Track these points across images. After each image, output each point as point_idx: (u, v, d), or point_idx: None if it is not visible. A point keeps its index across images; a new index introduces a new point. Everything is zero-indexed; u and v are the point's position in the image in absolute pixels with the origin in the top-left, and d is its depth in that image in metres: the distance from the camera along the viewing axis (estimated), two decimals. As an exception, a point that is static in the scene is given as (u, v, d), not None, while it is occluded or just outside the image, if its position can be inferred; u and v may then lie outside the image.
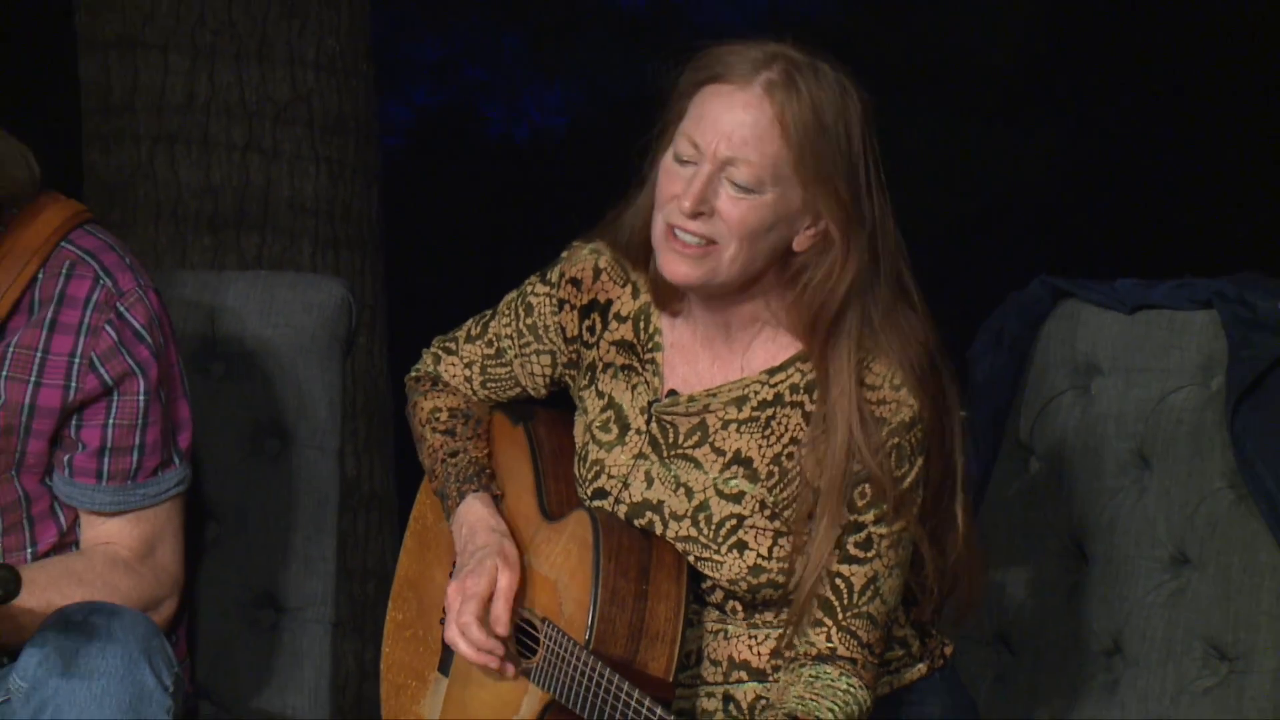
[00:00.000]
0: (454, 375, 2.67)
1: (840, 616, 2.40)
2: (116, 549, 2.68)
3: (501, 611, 2.47)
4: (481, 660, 2.47)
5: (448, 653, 2.62)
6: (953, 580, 2.53)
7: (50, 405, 2.64)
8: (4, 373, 2.64)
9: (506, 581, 2.49)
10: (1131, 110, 7.44)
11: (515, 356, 2.63)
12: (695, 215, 2.37)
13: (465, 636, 2.47)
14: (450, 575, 2.64)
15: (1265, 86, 6.82)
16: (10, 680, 2.57)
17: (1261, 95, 6.92)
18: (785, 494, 2.44)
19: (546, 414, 2.66)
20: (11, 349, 2.64)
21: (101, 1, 4.38)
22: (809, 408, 2.43)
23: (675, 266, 2.41)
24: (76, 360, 2.64)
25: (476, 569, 2.49)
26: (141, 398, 2.66)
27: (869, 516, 2.40)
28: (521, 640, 2.50)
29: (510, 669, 2.50)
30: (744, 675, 2.49)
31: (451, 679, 2.62)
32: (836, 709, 2.35)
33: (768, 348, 2.49)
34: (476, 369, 2.66)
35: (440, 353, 2.69)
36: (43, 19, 4.49)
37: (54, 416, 2.64)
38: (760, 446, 2.46)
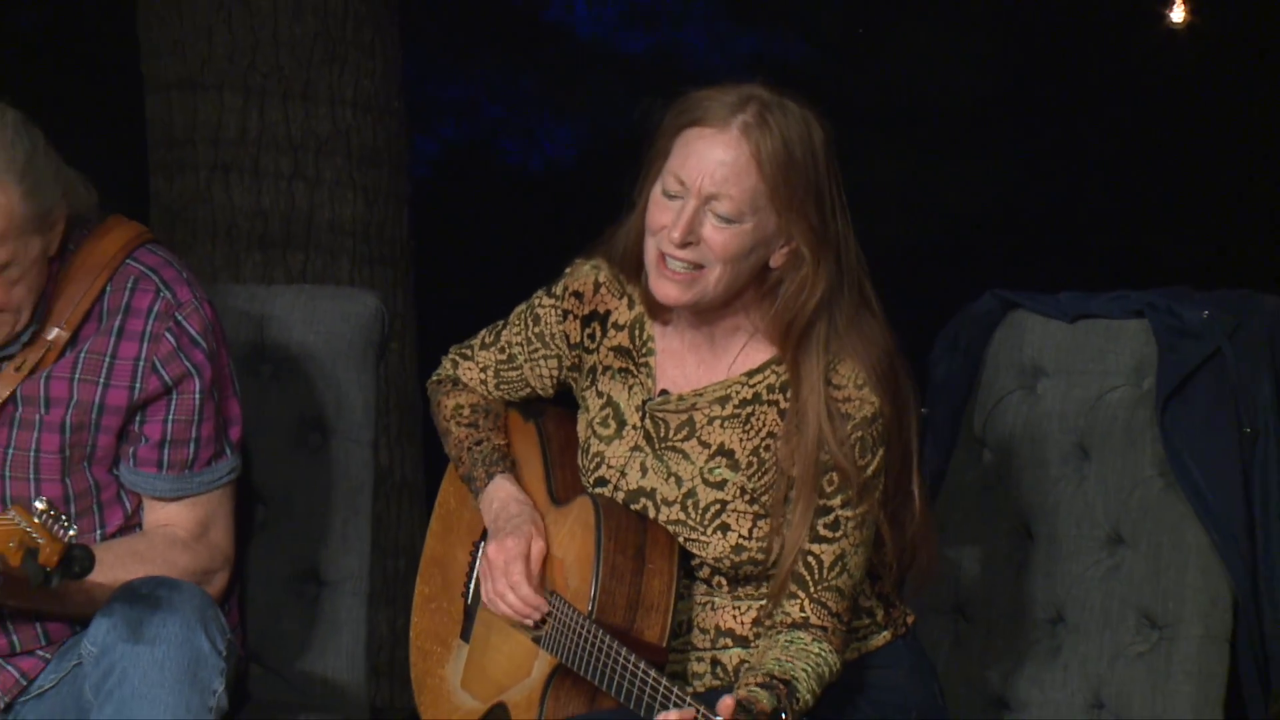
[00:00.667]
0: (471, 378, 2.67)
1: (812, 590, 2.39)
2: (175, 530, 2.67)
3: (534, 572, 2.47)
4: (526, 613, 2.47)
5: (468, 622, 2.62)
6: (911, 556, 2.53)
7: (117, 404, 2.63)
8: (76, 375, 2.63)
9: (539, 548, 2.49)
10: (1068, 143, 7.44)
11: (525, 361, 2.62)
12: (684, 245, 2.37)
13: (515, 592, 2.46)
14: (471, 554, 2.64)
15: (1183, 122, 6.84)
16: (82, 646, 2.56)
17: (1181, 131, 6.93)
18: (763, 481, 2.43)
19: (554, 411, 2.65)
20: (83, 354, 2.63)
21: (165, 48, 4.38)
22: (783, 405, 2.43)
23: (667, 290, 2.41)
24: (140, 363, 2.63)
25: (515, 532, 2.49)
26: (197, 396, 2.65)
27: (836, 501, 2.40)
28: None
29: (522, 634, 2.50)
30: (729, 642, 2.47)
31: (471, 645, 2.62)
32: (809, 670, 2.34)
33: (747, 353, 2.48)
34: (490, 372, 2.65)
35: (458, 358, 2.69)
36: (113, 64, 4.47)
37: (120, 414, 2.64)
38: (741, 440, 2.46)
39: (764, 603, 2.44)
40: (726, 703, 2.18)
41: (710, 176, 2.36)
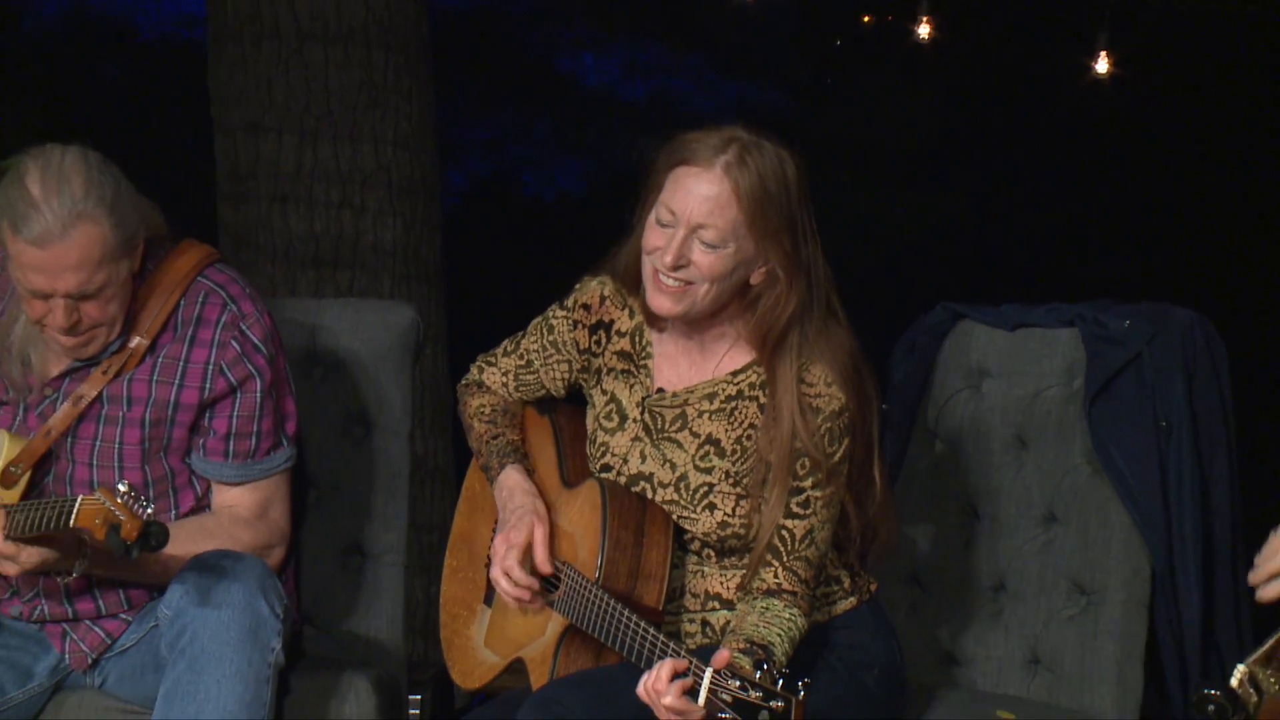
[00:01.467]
0: (494, 381, 2.66)
1: (785, 559, 2.39)
2: (239, 510, 2.67)
3: (542, 556, 2.46)
4: (518, 594, 2.45)
5: (490, 589, 2.60)
6: (873, 532, 2.53)
7: (190, 402, 2.63)
8: (155, 378, 2.63)
9: (541, 534, 2.48)
10: (1007, 177, 7.47)
11: (541, 365, 2.62)
12: (676, 267, 2.38)
13: (509, 577, 2.46)
14: (493, 530, 2.64)
15: (1106, 159, 6.85)
16: (159, 610, 2.56)
17: (1104, 166, 6.95)
18: (745, 467, 2.43)
19: (566, 408, 2.65)
20: (160, 359, 2.63)
21: (231, 96, 4.38)
22: (763, 401, 2.43)
23: (661, 303, 2.42)
24: (209, 367, 2.63)
25: (517, 524, 2.48)
26: (258, 395, 2.65)
27: (808, 483, 2.39)
28: (545, 580, 2.49)
29: (539, 601, 2.49)
30: (716, 605, 2.47)
31: (494, 609, 2.61)
32: (783, 634, 2.33)
33: (731, 355, 2.49)
34: (511, 376, 2.65)
35: (483, 365, 2.68)
36: (185, 110, 4.47)
37: (192, 410, 2.64)
38: (726, 431, 2.46)
39: (745, 571, 2.43)
40: (723, 656, 2.18)
41: (697, 209, 2.36)
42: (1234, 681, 1.89)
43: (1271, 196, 6.94)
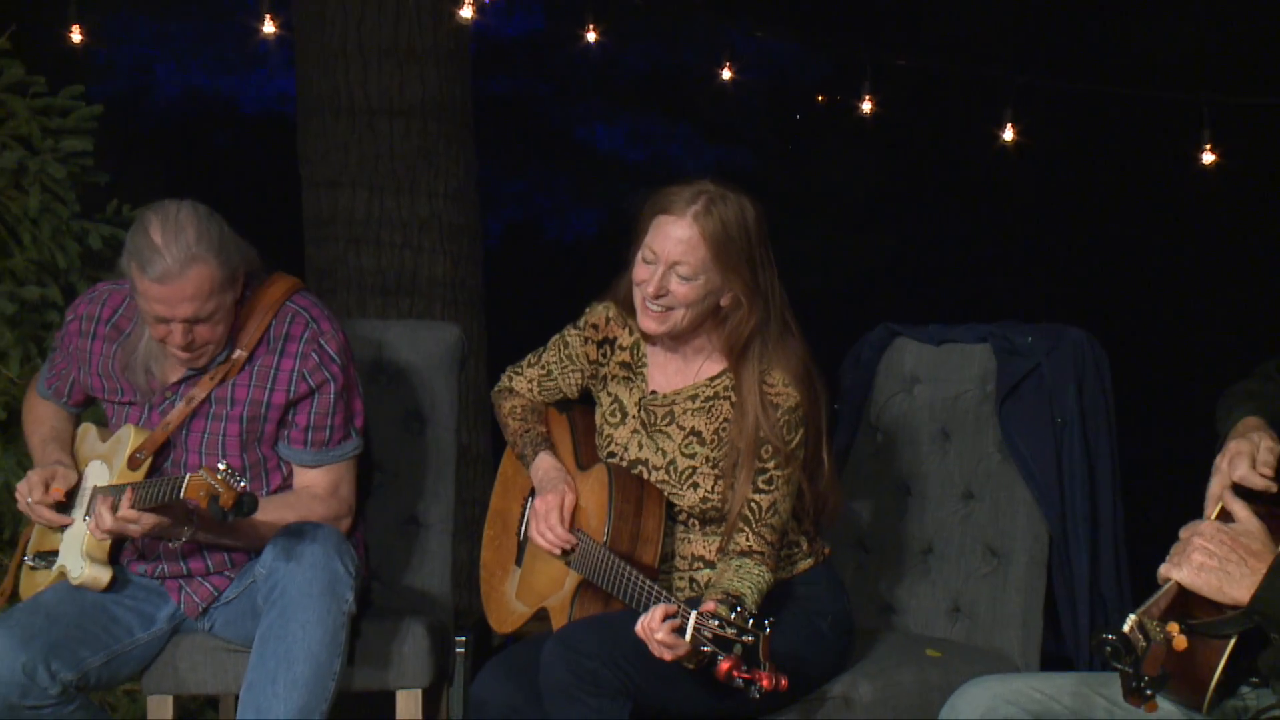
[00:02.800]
0: (522, 387, 2.65)
1: (754, 526, 2.38)
2: (315, 488, 2.66)
3: (566, 516, 2.48)
4: (559, 544, 2.47)
5: (520, 553, 2.60)
6: (823, 504, 2.53)
7: (278, 402, 2.62)
8: (252, 383, 2.62)
9: (570, 500, 2.49)
10: (933, 221, 7.50)
11: (559, 374, 2.61)
12: (658, 296, 2.40)
13: (552, 532, 2.47)
14: (522, 507, 2.63)
15: (1012, 208, 6.88)
16: (255, 568, 2.56)
17: (1011, 212, 6.97)
18: (721, 453, 2.43)
19: (579, 407, 2.64)
20: (256, 368, 2.62)
21: (316, 158, 4.40)
22: (733, 400, 2.44)
23: (648, 325, 2.44)
24: (294, 374, 2.62)
25: (553, 489, 2.50)
26: (332, 396, 2.63)
27: (770, 464, 2.39)
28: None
29: (560, 560, 2.49)
30: (701, 564, 2.46)
31: (522, 569, 2.60)
32: (753, 586, 2.33)
33: (708, 364, 2.49)
34: (535, 383, 2.64)
35: (513, 374, 2.68)
36: (279, 169, 4.47)
37: (280, 409, 2.62)
38: (706, 424, 2.46)
39: (723, 536, 2.43)
40: (708, 605, 2.19)
41: (673, 249, 2.38)
42: (1126, 628, 1.87)
43: (1141, 240, 6.95)
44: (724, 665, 2.13)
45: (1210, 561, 1.92)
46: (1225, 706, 1.99)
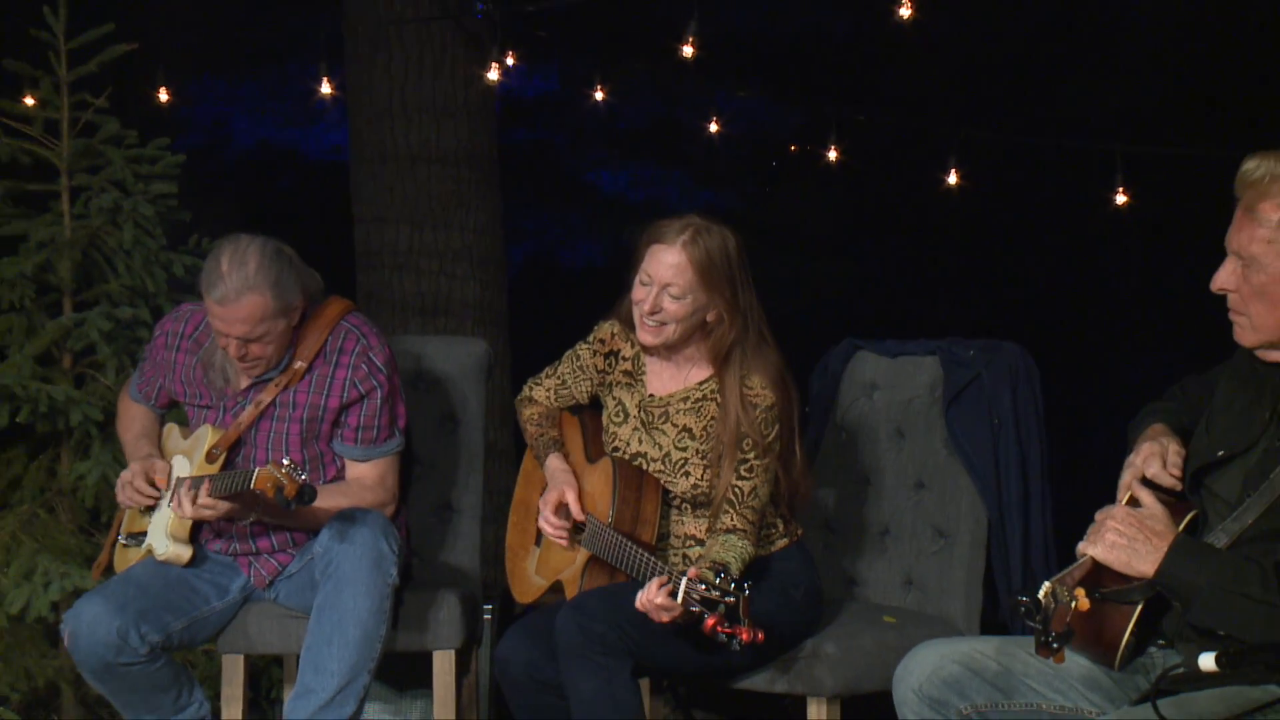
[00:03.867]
0: (541, 395, 2.65)
1: (738, 508, 2.38)
2: (364, 479, 2.66)
3: (575, 509, 2.48)
4: (557, 533, 2.48)
5: (539, 535, 2.60)
6: (795, 487, 2.53)
7: (333, 406, 2.62)
8: (310, 390, 2.63)
9: (572, 494, 2.49)
10: (887, 253, 7.51)
11: (572, 383, 2.61)
12: (653, 313, 2.41)
13: (548, 523, 2.48)
14: (541, 496, 2.63)
15: (955, 246, 6.89)
16: (314, 547, 2.56)
17: (954, 249, 6.98)
18: (708, 446, 2.43)
19: (589, 411, 2.64)
20: (314, 377, 2.63)
21: (365, 198, 4.40)
22: (719, 401, 2.44)
23: (646, 338, 2.45)
24: (346, 382, 2.62)
25: (554, 488, 2.51)
26: (379, 401, 2.64)
27: (750, 455, 2.39)
28: (576, 525, 2.49)
29: (571, 540, 2.49)
30: (692, 543, 2.45)
31: (541, 549, 2.60)
32: (737, 556, 2.34)
33: (697, 370, 2.50)
34: (552, 392, 2.64)
35: (533, 384, 2.67)
36: (335, 207, 4.48)
37: (334, 412, 2.63)
38: (696, 422, 2.45)
39: (711, 518, 2.43)
40: (692, 572, 2.20)
41: (665, 273, 2.39)
42: (1040, 593, 1.87)
43: (1066, 267, 6.96)
44: (709, 622, 2.14)
45: (1121, 540, 1.93)
46: (1136, 664, 1.99)
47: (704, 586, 2.15)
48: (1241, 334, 1.92)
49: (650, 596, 2.21)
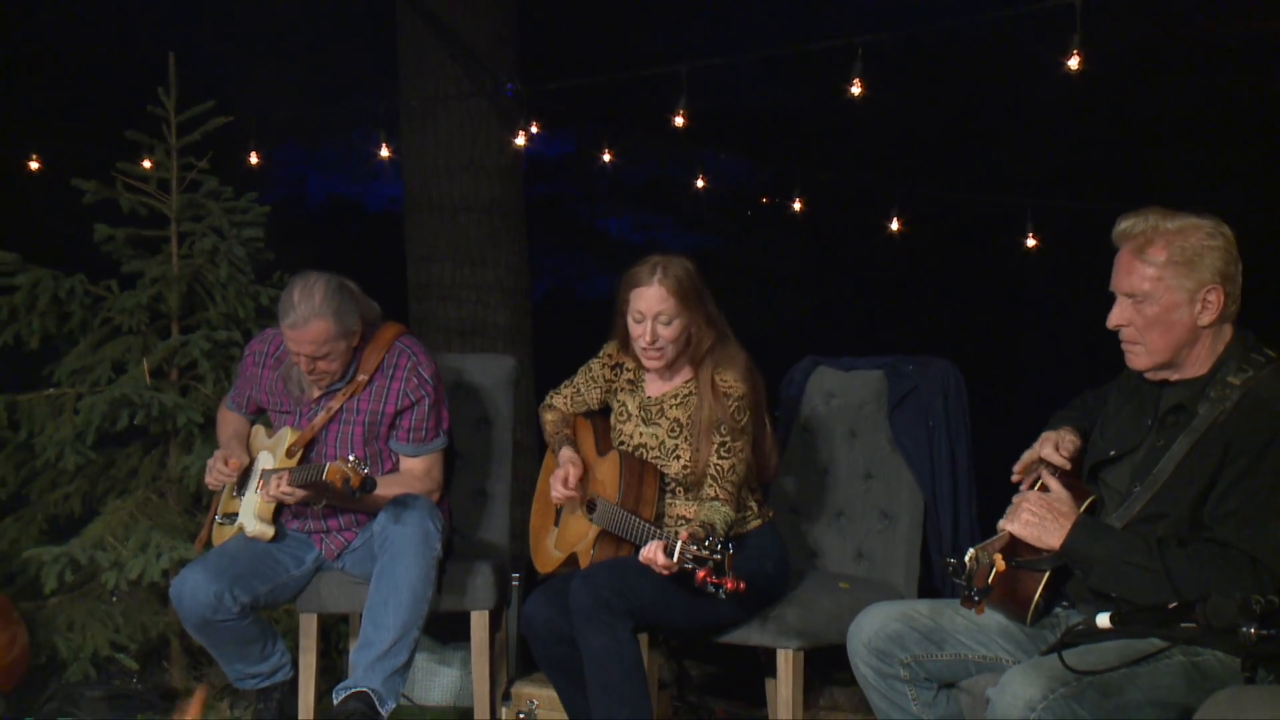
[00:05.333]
0: (559, 403, 2.64)
1: (720, 482, 2.38)
2: (415, 471, 2.66)
3: (574, 479, 2.48)
4: (567, 497, 2.47)
5: (558, 517, 2.59)
6: (766, 463, 2.52)
7: (390, 411, 2.63)
8: (371, 397, 2.63)
9: (576, 472, 2.48)
10: (842, 286, 7.51)
11: (586, 392, 2.60)
12: (653, 343, 2.41)
13: (557, 491, 2.48)
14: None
15: (894, 280, 6.90)
16: (374, 526, 2.56)
17: (892, 282, 7.00)
18: (694, 434, 2.42)
19: (598, 415, 2.63)
20: (374, 387, 2.63)
21: (417, 240, 4.39)
22: (699, 396, 2.43)
23: (652, 364, 2.45)
24: (400, 392, 2.63)
25: (564, 464, 2.50)
26: (427, 407, 2.64)
27: (727, 439, 2.38)
28: (588, 505, 2.48)
29: (584, 517, 2.48)
30: (684, 521, 2.43)
31: (559, 528, 2.59)
32: (721, 519, 2.34)
33: (683, 374, 2.49)
34: (569, 400, 2.63)
35: (553, 395, 2.66)
36: (392, 249, 4.49)
37: (391, 416, 2.63)
38: (683, 415, 2.45)
39: (697, 496, 2.42)
40: (684, 535, 2.20)
41: (652, 306, 2.40)
42: (966, 557, 1.89)
43: (988, 299, 6.96)
44: (700, 574, 2.15)
45: (1033, 519, 1.94)
46: (1045, 621, 2.00)
47: (695, 547, 2.16)
48: (1136, 360, 1.92)
49: (651, 554, 2.22)
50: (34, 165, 4.12)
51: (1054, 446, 2.02)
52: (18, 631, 2.72)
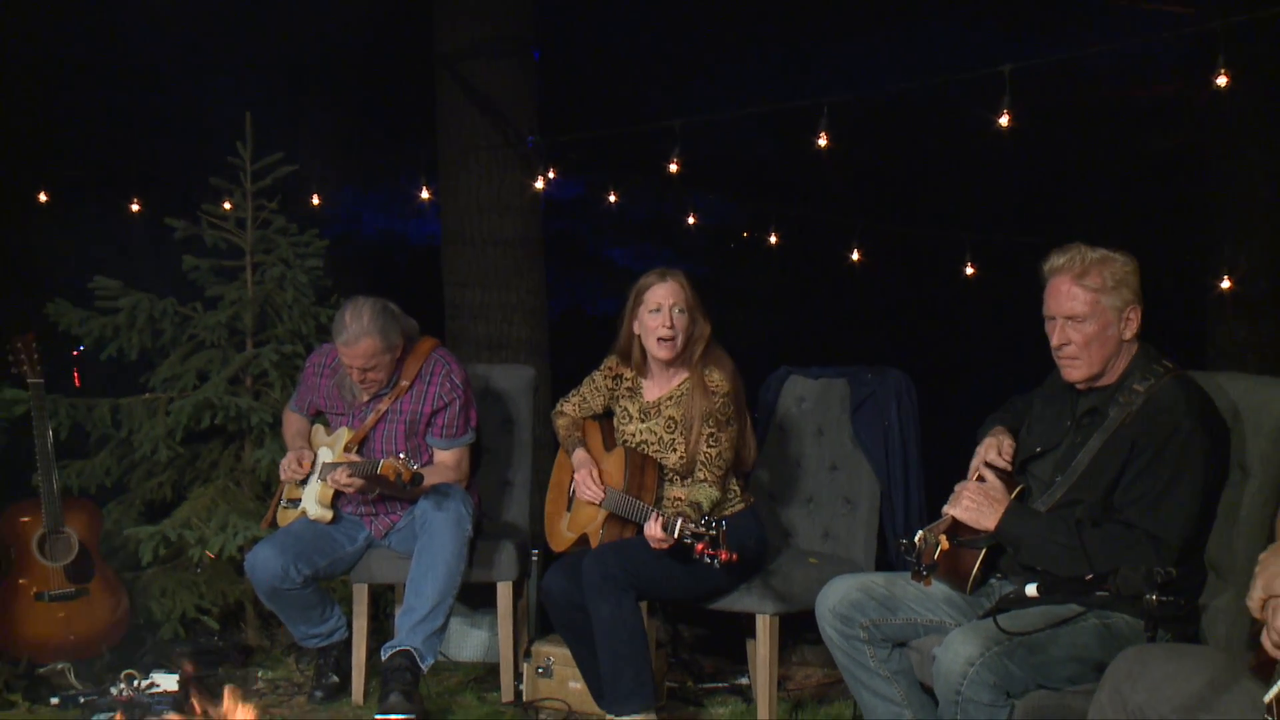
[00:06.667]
0: (570, 409, 2.63)
1: (709, 467, 2.37)
2: (447, 462, 2.66)
3: (596, 477, 2.46)
4: (591, 494, 2.46)
5: (570, 503, 2.58)
6: (746, 451, 2.51)
7: (426, 412, 2.63)
8: (412, 401, 2.63)
9: (595, 471, 2.47)
10: (812, 308, 7.51)
11: (591, 399, 2.59)
12: (669, 327, 2.40)
13: (586, 486, 2.46)
14: (570, 478, 2.62)
15: (854, 300, 6.90)
16: (415, 510, 2.56)
17: (853, 303, 7.00)
18: (687, 428, 2.41)
19: (604, 418, 2.62)
20: (414, 392, 2.63)
21: (452, 268, 4.36)
22: (690, 392, 2.42)
23: (664, 354, 2.43)
24: (436, 395, 2.63)
25: (583, 467, 2.49)
26: (458, 408, 2.64)
27: (714, 429, 2.38)
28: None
29: (598, 501, 2.47)
30: (679, 503, 2.42)
31: (571, 513, 2.58)
32: (705, 498, 2.33)
33: (677, 375, 2.48)
34: (577, 406, 2.62)
35: (562, 402, 2.65)
36: (431, 276, 4.49)
37: (428, 416, 2.63)
38: (678, 412, 2.44)
39: (690, 481, 2.42)
40: (684, 513, 2.22)
41: (669, 298, 2.39)
42: (916, 538, 1.90)
43: (934, 319, 6.96)
44: (699, 547, 2.14)
45: (972, 505, 1.95)
46: (982, 590, 2.01)
47: (692, 525, 2.16)
48: (1074, 372, 1.92)
49: (652, 531, 2.22)
50: (135, 208, 4.21)
51: (996, 451, 2.04)
52: (121, 597, 2.73)
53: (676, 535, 2.17)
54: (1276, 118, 4.60)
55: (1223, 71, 2.72)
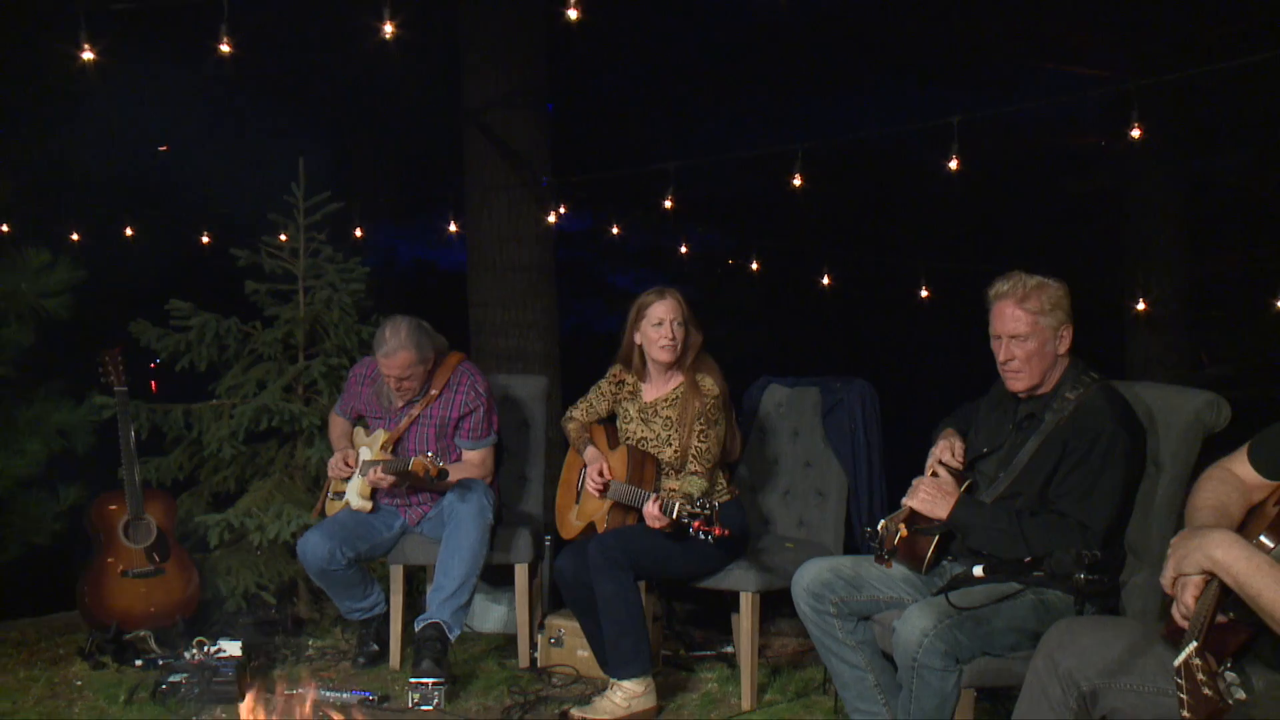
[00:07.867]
0: (578, 414, 2.61)
1: (700, 460, 2.36)
2: (473, 460, 2.65)
3: (606, 472, 2.45)
4: (597, 487, 2.44)
5: (579, 497, 2.57)
6: (732, 446, 2.51)
7: (454, 416, 2.62)
8: (441, 406, 2.62)
9: (604, 466, 2.46)
10: (790, 326, 7.52)
11: (597, 405, 2.58)
12: (670, 337, 2.39)
13: (593, 480, 2.45)
14: (578, 475, 2.61)
15: (822, 319, 6.91)
16: (444, 501, 2.55)
17: (821, 321, 7.01)
18: (682, 425, 2.41)
19: (609, 421, 2.62)
20: (442, 399, 2.63)
21: (477, 291, 4.36)
22: (684, 395, 2.42)
23: (665, 357, 2.42)
24: (461, 402, 2.62)
25: (594, 463, 2.47)
26: (482, 413, 2.64)
27: (704, 427, 2.37)
28: (606, 485, 2.47)
29: (602, 494, 2.47)
30: (674, 493, 2.40)
31: (579, 504, 2.57)
32: (696, 488, 2.32)
33: (673, 380, 2.47)
34: (585, 411, 2.60)
35: (571, 409, 2.64)
36: (457, 298, 4.49)
37: (455, 420, 2.63)
38: (674, 412, 2.43)
39: (684, 473, 2.41)
40: (679, 499, 2.20)
41: (670, 313, 2.39)
42: (879, 526, 1.91)
43: (893, 336, 6.97)
44: (695, 525, 2.13)
45: (927, 497, 1.95)
46: (935, 571, 2.01)
47: (689, 506, 2.16)
48: (1018, 383, 1.94)
49: (651, 510, 2.22)
50: (205, 239, 4.25)
51: (950, 453, 2.05)
52: (192, 574, 2.75)
53: (674, 516, 2.17)
54: (1181, 165, 4.69)
55: (1136, 125, 2.76)
